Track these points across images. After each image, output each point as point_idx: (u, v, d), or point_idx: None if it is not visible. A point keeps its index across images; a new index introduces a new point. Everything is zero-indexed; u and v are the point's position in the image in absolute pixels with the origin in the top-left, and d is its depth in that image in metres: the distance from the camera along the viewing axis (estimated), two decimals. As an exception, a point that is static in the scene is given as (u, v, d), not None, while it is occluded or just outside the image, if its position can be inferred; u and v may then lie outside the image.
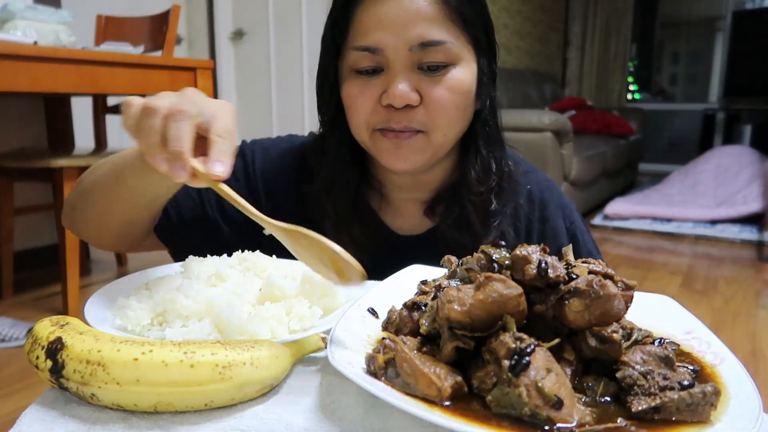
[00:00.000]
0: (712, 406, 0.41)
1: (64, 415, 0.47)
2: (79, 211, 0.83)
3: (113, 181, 0.73)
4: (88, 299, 0.62)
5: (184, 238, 0.90)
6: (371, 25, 0.76)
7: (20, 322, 2.22)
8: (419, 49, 0.75)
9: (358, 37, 0.78)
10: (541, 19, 6.16)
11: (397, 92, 0.75)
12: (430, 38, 0.75)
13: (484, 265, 0.52)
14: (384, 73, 0.78)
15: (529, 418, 0.40)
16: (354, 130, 0.83)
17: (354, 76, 0.80)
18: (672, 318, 0.59)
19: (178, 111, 0.56)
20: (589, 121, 5.38)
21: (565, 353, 0.46)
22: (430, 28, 0.75)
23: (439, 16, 0.76)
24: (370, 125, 0.80)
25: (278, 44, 4.08)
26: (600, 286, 0.45)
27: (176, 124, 0.56)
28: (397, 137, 0.79)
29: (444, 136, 0.80)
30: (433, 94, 0.77)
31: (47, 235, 3.08)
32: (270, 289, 0.61)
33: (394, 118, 0.78)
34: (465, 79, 0.79)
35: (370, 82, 0.78)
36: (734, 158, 4.90)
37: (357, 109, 0.80)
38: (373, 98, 0.78)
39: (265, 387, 0.49)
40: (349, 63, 0.79)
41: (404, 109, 0.77)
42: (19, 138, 2.91)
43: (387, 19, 0.75)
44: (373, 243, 0.87)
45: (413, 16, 0.75)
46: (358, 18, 0.77)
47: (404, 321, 0.55)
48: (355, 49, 0.78)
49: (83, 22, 2.90)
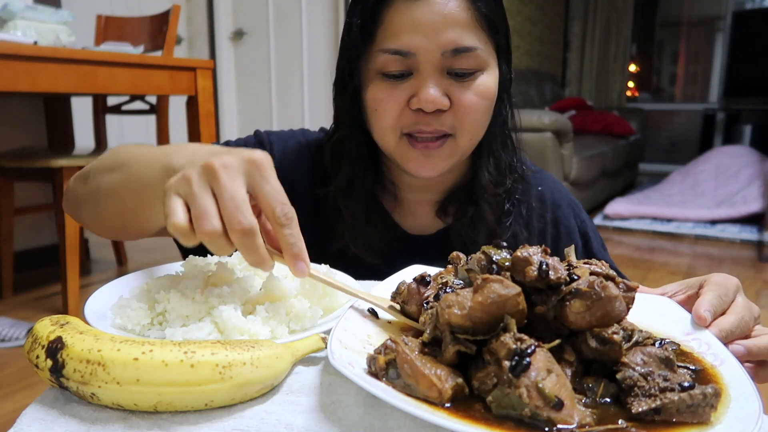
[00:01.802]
0: (712, 407, 0.41)
1: (64, 414, 0.46)
2: (86, 211, 0.80)
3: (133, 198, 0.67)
4: (88, 299, 0.62)
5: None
6: (403, 28, 0.74)
7: (20, 322, 2.22)
8: (451, 55, 0.75)
9: (387, 39, 0.76)
10: (541, 19, 6.16)
11: (429, 96, 0.75)
12: (463, 44, 0.75)
13: (484, 266, 0.52)
14: (413, 76, 0.77)
15: (529, 420, 0.40)
16: (378, 135, 0.82)
17: (380, 79, 0.78)
18: (672, 319, 0.58)
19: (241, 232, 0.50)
20: (589, 121, 5.38)
21: (565, 354, 0.46)
22: (463, 34, 0.75)
23: (471, 22, 0.75)
24: (398, 129, 0.79)
25: (278, 44, 4.08)
26: (601, 287, 0.45)
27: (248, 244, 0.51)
28: (427, 147, 0.78)
29: (470, 140, 0.81)
30: (463, 99, 0.77)
31: (47, 235, 3.08)
32: (270, 289, 0.61)
33: (423, 121, 0.77)
34: (491, 84, 0.79)
35: (398, 86, 0.77)
36: (734, 158, 4.90)
37: (384, 113, 0.78)
38: (402, 102, 0.77)
39: (265, 387, 0.49)
40: (376, 66, 0.78)
41: (434, 113, 0.77)
42: (19, 138, 2.91)
43: (420, 23, 0.74)
44: (387, 245, 0.87)
45: (447, 21, 0.74)
46: (389, 20, 0.76)
47: (411, 293, 0.55)
48: (385, 51, 0.76)
49: (83, 22, 2.90)
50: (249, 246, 0.51)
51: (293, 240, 0.53)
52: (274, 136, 0.95)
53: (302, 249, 0.54)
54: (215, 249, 0.52)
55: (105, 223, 0.78)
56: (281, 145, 0.93)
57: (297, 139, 0.95)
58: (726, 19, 6.54)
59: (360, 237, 0.85)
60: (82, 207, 0.80)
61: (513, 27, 5.42)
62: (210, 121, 2.47)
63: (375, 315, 0.58)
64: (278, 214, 0.52)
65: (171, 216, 0.51)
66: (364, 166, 0.86)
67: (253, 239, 0.51)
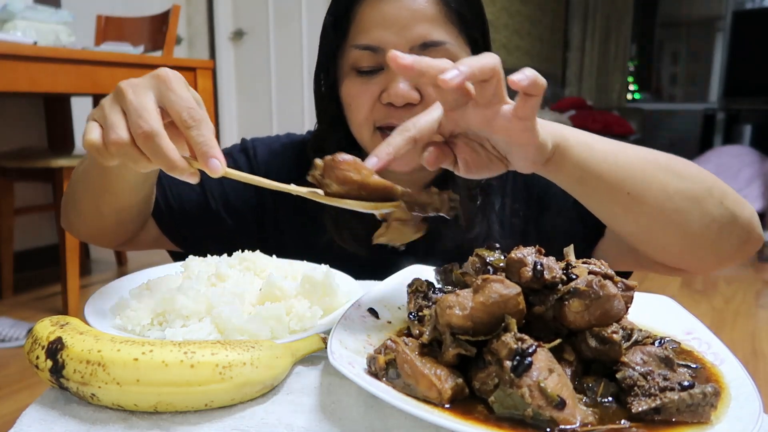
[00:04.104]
0: (712, 406, 0.41)
1: (64, 415, 0.47)
2: (71, 207, 0.83)
3: (97, 170, 0.72)
4: (88, 299, 0.62)
5: (186, 229, 0.90)
6: (373, 24, 0.77)
7: (20, 322, 2.22)
8: (420, 49, 0.76)
9: (359, 35, 0.78)
10: (541, 19, 6.16)
11: (398, 91, 0.76)
12: (431, 39, 0.76)
13: (479, 269, 0.52)
14: (384, 71, 0.78)
15: (531, 420, 0.40)
16: (354, 129, 0.83)
17: (354, 75, 0.80)
18: (672, 318, 0.59)
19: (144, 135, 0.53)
20: (589, 121, 5.38)
21: (565, 354, 0.46)
22: (431, 29, 0.76)
23: (439, 17, 0.76)
24: (371, 123, 0.80)
25: (278, 44, 4.07)
26: (600, 286, 0.45)
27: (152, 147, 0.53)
28: None
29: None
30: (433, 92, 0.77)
31: (47, 235, 3.08)
32: (270, 289, 0.61)
33: (394, 115, 0.78)
34: None
35: (370, 81, 0.79)
36: (734, 158, 4.89)
37: (357, 108, 0.80)
38: (373, 96, 0.79)
39: (265, 387, 0.49)
40: (350, 61, 0.80)
41: (405, 107, 0.78)
42: (19, 138, 2.91)
43: (389, 19, 0.76)
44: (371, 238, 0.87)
45: (415, 16, 0.75)
46: (360, 16, 0.78)
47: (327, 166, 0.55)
48: (356, 47, 0.78)
49: (83, 22, 2.90)
50: (155, 150, 0.53)
51: (202, 139, 0.54)
52: (259, 141, 0.98)
53: (212, 147, 0.54)
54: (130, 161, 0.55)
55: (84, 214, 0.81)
56: (265, 148, 0.96)
57: (281, 141, 0.98)
58: (726, 19, 6.54)
59: (345, 229, 0.86)
60: (69, 208, 0.84)
61: (513, 27, 5.43)
62: (210, 122, 2.47)
63: (375, 315, 0.58)
64: (184, 117, 0.55)
65: (85, 134, 0.56)
66: None
67: (156, 142, 0.53)
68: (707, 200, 0.66)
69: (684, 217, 0.66)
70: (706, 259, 0.71)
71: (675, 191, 0.65)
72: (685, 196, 0.66)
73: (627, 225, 0.69)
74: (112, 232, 0.84)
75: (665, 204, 0.65)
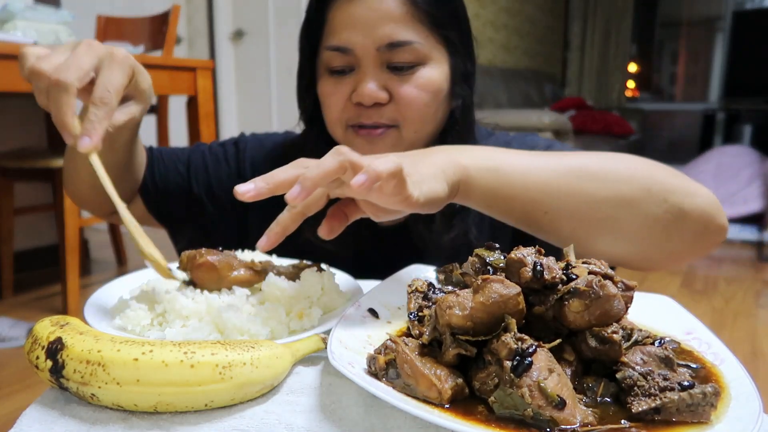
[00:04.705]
0: (712, 406, 0.41)
1: (64, 415, 0.47)
2: (67, 174, 0.87)
3: None
4: (88, 299, 0.62)
5: (168, 208, 0.94)
6: (342, 26, 0.79)
7: (20, 322, 2.22)
8: (387, 49, 0.77)
9: (330, 37, 0.80)
10: (541, 19, 6.16)
11: (365, 91, 0.78)
12: (397, 39, 0.77)
13: (478, 269, 0.52)
14: (355, 72, 0.80)
15: (531, 420, 0.40)
16: (329, 127, 0.86)
17: (328, 75, 0.82)
18: (672, 318, 0.59)
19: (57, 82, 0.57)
20: (589, 121, 5.38)
21: (564, 354, 0.46)
22: (397, 29, 0.77)
23: (406, 17, 0.77)
24: (343, 122, 0.83)
25: (278, 44, 4.08)
26: (599, 286, 0.45)
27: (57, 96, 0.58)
28: (369, 134, 0.81)
29: (415, 132, 0.82)
30: (401, 92, 0.79)
31: (47, 235, 3.08)
32: (270, 289, 0.61)
33: (364, 114, 0.80)
34: (434, 77, 0.80)
35: (342, 81, 0.81)
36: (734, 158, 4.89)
37: (330, 107, 0.83)
38: (344, 96, 0.81)
39: (265, 387, 0.49)
40: (324, 62, 0.82)
41: (374, 106, 0.80)
42: (19, 138, 2.91)
43: (356, 20, 0.77)
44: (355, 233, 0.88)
45: (381, 17, 0.77)
46: (331, 18, 0.80)
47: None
48: (328, 48, 0.81)
49: (83, 22, 2.89)
50: (56, 99, 0.58)
51: (94, 117, 0.58)
52: (254, 137, 1.00)
53: (97, 130, 0.58)
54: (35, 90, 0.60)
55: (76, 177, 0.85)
56: (257, 144, 0.99)
57: (273, 139, 1.00)
58: (726, 19, 6.54)
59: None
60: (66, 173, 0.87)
61: (513, 27, 5.43)
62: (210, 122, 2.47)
63: (375, 315, 0.58)
64: (97, 94, 0.59)
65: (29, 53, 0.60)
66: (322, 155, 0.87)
67: (60, 94, 0.57)
68: (645, 201, 0.63)
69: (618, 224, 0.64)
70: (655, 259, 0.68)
71: (603, 199, 0.63)
72: (615, 203, 0.63)
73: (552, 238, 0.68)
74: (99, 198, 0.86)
75: (592, 214, 0.63)
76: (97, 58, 0.61)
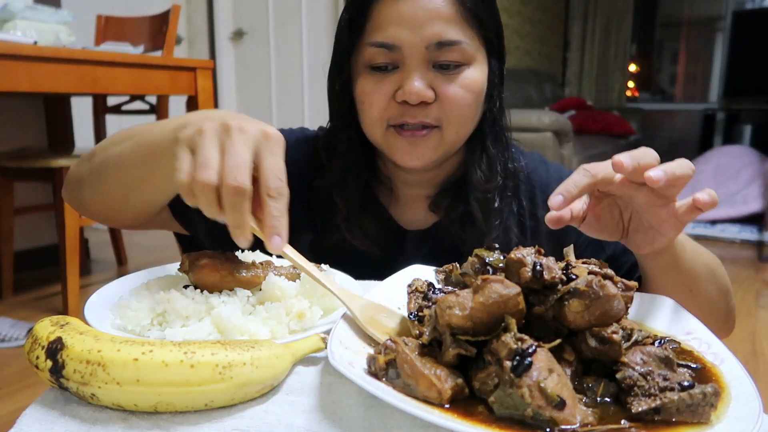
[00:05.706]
0: (712, 406, 0.41)
1: (64, 415, 0.46)
2: (89, 188, 0.79)
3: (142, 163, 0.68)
4: (88, 299, 0.62)
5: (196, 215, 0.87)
6: (389, 22, 0.77)
7: (20, 322, 2.22)
8: (435, 48, 0.77)
9: (374, 33, 0.78)
10: (541, 19, 6.16)
11: (413, 89, 0.76)
12: (447, 38, 0.77)
13: (478, 269, 0.52)
14: (399, 70, 0.79)
15: (531, 420, 0.40)
16: (366, 127, 0.84)
17: (368, 73, 0.80)
18: (672, 318, 0.59)
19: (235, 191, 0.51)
20: (589, 121, 5.38)
21: (564, 354, 0.46)
22: (447, 28, 0.77)
23: (455, 17, 0.77)
24: (384, 121, 0.81)
25: (278, 44, 4.08)
26: (599, 286, 0.45)
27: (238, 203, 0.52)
28: (413, 135, 0.80)
29: (456, 133, 0.81)
30: (447, 91, 0.78)
31: (47, 235, 3.08)
32: (270, 289, 0.61)
33: (409, 113, 0.79)
34: (478, 78, 0.80)
35: (385, 79, 0.79)
36: (734, 158, 4.89)
37: (371, 105, 0.81)
38: (388, 94, 0.79)
39: (265, 387, 0.49)
40: (364, 59, 0.80)
41: (419, 105, 0.78)
42: (19, 138, 2.91)
43: (405, 17, 0.76)
44: (383, 237, 0.88)
45: (431, 15, 0.76)
46: (376, 14, 0.79)
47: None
48: (372, 45, 0.79)
49: (83, 22, 2.90)
50: (236, 205, 0.52)
51: (277, 213, 0.53)
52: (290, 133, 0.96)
53: (283, 225, 0.53)
54: (204, 204, 0.53)
55: (106, 198, 0.78)
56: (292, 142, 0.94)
57: (296, 135, 0.96)
58: (726, 19, 6.53)
59: (357, 227, 0.86)
60: (85, 185, 0.80)
61: (513, 27, 5.43)
62: (210, 121, 2.46)
63: (375, 315, 0.58)
64: (271, 185, 0.54)
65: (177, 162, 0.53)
66: (357, 157, 0.87)
67: (241, 200, 0.52)
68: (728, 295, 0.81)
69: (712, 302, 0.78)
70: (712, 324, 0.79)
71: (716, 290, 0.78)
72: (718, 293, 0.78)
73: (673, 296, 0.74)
74: (132, 218, 0.81)
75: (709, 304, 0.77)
76: (254, 143, 0.55)
